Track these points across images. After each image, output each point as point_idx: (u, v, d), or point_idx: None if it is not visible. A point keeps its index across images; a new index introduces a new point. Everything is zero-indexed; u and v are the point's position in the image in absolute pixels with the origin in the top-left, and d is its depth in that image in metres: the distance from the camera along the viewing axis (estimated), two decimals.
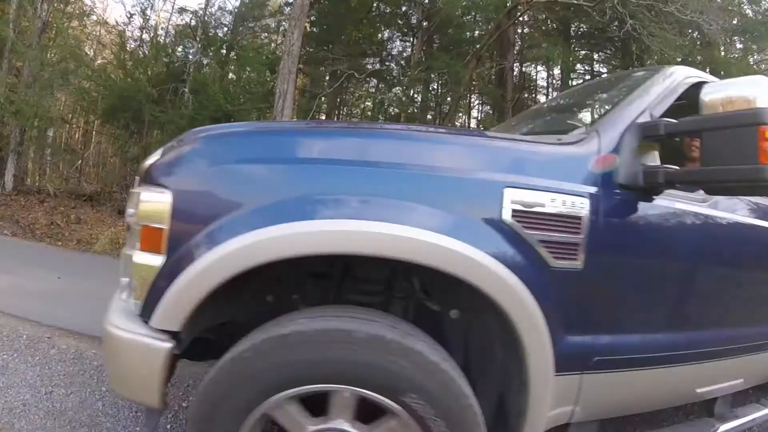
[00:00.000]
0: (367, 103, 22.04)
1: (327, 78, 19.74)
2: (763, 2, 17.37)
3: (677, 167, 2.24)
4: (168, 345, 1.91)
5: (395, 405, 1.82)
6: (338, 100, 21.85)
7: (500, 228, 1.97)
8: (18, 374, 3.65)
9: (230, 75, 18.32)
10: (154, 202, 1.98)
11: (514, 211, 1.98)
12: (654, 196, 2.33)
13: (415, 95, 19.41)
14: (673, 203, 2.42)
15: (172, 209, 1.94)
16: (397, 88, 19.21)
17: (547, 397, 2.08)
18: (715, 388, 2.89)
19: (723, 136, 2.09)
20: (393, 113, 18.12)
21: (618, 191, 2.24)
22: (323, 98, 18.03)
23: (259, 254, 1.83)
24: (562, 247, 2.05)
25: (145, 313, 1.95)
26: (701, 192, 2.55)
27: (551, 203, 2.05)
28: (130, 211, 2.14)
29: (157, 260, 1.95)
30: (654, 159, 2.35)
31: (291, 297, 2.36)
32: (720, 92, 2.17)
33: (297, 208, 1.88)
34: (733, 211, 2.75)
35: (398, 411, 1.83)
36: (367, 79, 19.82)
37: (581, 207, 2.09)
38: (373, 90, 20.55)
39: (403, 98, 18.60)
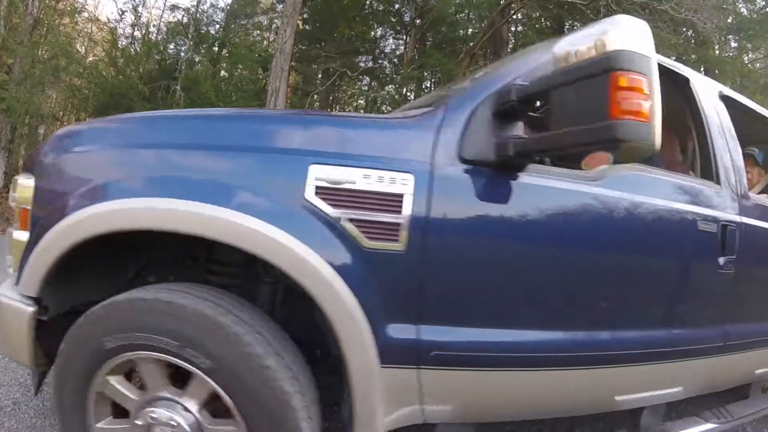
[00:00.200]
0: (359, 101, 22.07)
1: (319, 76, 19.76)
2: (758, 0, 17.42)
3: (527, 135, 2.01)
4: (30, 309, 2.03)
5: (204, 376, 1.82)
6: (330, 98, 21.83)
7: (304, 206, 1.87)
8: (8, 372, 3.60)
9: (222, 72, 18.32)
10: (24, 187, 2.17)
11: (318, 188, 1.87)
12: (518, 173, 2.08)
13: (408, 93, 19.42)
14: (544, 181, 2.15)
15: (34, 193, 2.12)
16: (390, 86, 19.24)
17: (373, 392, 1.90)
18: (641, 396, 2.60)
19: (573, 92, 1.79)
20: (386, 111, 18.13)
21: (463, 167, 2.01)
22: (315, 96, 18.05)
23: (76, 232, 1.92)
24: (379, 227, 1.88)
25: (18, 281, 2.10)
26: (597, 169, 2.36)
27: (364, 179, 1.90)
28: (12, 195, 2.30)
29: (25, 236, 2.12)
30: (514, 130, 2.07)
31: (168, 278, 2.34)
32: (570, 41, 1.84)
33: (114, 189, 1.96)
34: (634, 191, 2.38)
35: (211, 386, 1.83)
36: (360, 77, 19.85)
37: (404, 184, 1.91)
38: (366, 88, 20.59)
39: (396, 96, 18.60)
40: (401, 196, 1.90)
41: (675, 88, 2.98)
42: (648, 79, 1.69)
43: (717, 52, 17.25)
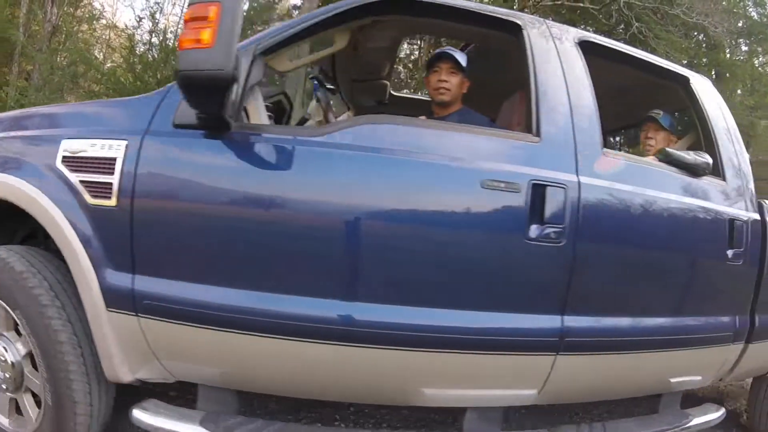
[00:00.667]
0: None
1: None
2: None
3: None
4: None
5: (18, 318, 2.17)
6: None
7: (55, 172, 2.16)
8: None
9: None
10: None
11: (63, 157, 2.16)
12: (225, 131, 2.10)
13: (423, 97, 19.40)
14: (252, 138, 2.16)
15: None
16: (405, 90, 19.29)
17: (105, 333, 2.11)
18: (460, 394, 2.38)
19: None
20: None
21: (173, 132, 2.15)
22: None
23: None
24: (98, 187, 2.10)
25: None
26: (335, 125, 2.33)
27: (92, 148, 2.15)
28: None
29: None
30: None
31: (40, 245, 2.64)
32: None
33: None
34: (374, 143, 2.19)
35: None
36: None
37: (117, 149, 2.12)
38: None
39: None
40: (114, 159, 2.10)
41: (512, 38, 2.63)
42: (219, 6, 1.77)
43: (728, 55, 17.30)
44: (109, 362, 2.13)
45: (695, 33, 15.90)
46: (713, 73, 16.94)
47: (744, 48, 18.53)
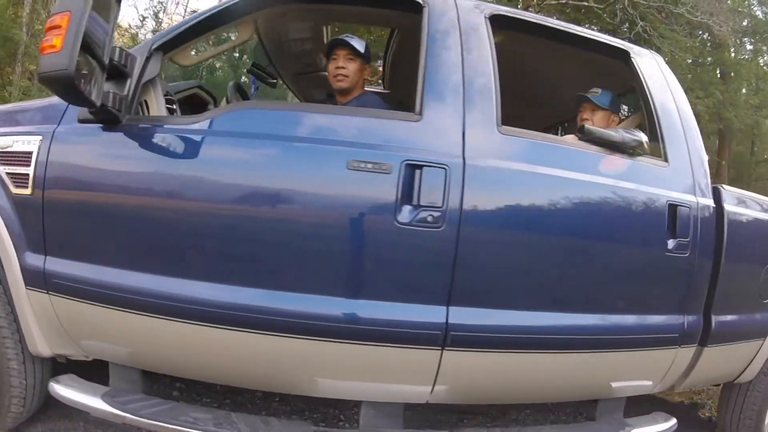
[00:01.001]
0: None
1: None
2: None
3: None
4: None
5: None
6: None
7: None
8: None
9: (243, 78, 18.39)
10: None
11: None
12: (115, 123, 2.28)
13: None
14: (136, 129, 2.31)
15: None
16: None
17: (26, 310, 2.33)
18: (355, 386, 2.37)
19: None
20: None
21: (77, 127, 2.35)
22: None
23: None
24: (19, 177, 2.31)
25: None
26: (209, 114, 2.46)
27: (16, 144, 2.36)
28: None
29: None
30: (120, 88, 2.30)
31: None
32: None
33: None
34: (247, 127, 2.28)
35: None
36: (380, 81, 19.85)
37: (34, 144, 2.32)
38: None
39: None
40: (31, 153, 2.32)
41: (416, 18, 2.51)
42: (70, 15, 1.90)
43: (733, 54, 17.22)
44: (31, 338, 2.35)
45: (700, 32, 15.81)
46: (718, 72, 16.90)
47: (749, 47, 18.51)
